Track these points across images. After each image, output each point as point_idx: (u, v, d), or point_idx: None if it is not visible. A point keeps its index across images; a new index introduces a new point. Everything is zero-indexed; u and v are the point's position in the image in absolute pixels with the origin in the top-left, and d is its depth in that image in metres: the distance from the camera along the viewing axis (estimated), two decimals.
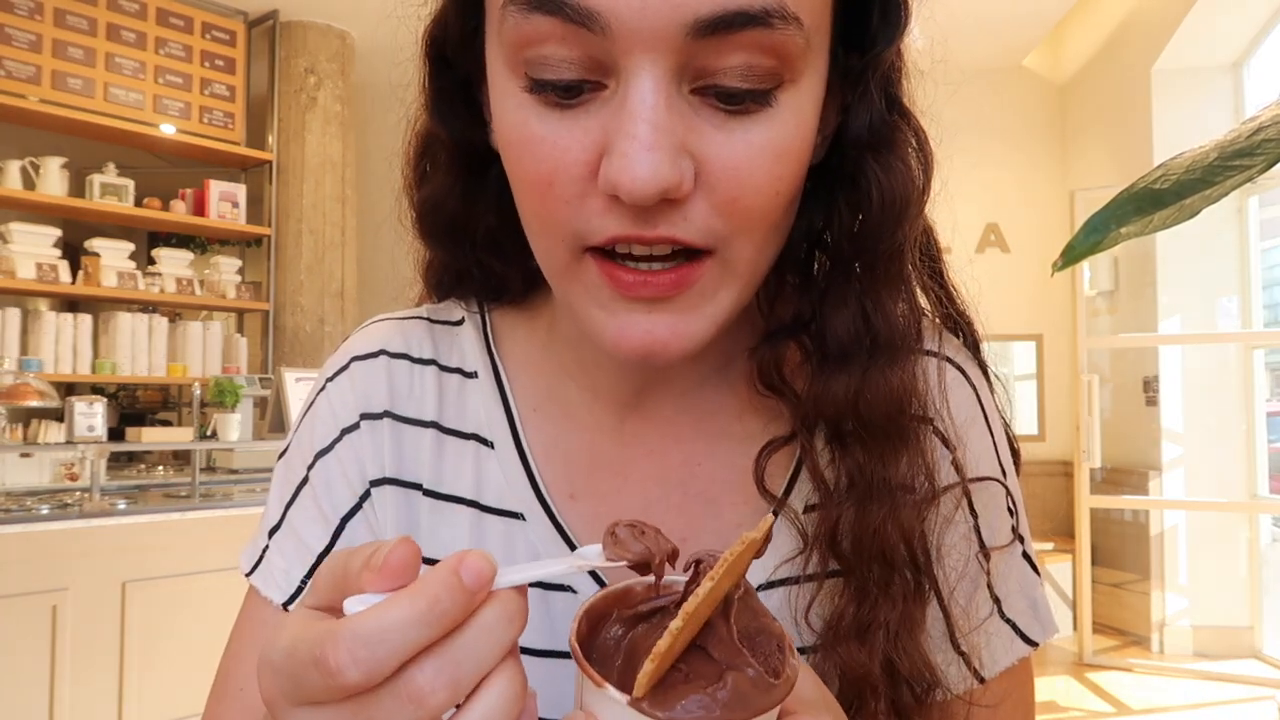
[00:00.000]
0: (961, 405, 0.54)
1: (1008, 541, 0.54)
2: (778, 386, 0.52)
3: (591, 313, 0.45)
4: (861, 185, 0.49)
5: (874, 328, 0.50)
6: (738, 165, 0.41)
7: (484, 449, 0.56)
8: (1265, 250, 4.60)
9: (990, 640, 0.53)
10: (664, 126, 0.39)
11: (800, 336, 0.52)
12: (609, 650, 0.37)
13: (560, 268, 0.45)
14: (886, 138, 0.49)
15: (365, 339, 0.59)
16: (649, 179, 0.39)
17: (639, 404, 0.55)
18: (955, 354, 0.56)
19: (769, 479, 0.52)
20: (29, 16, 3.93)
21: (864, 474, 0.49)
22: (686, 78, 0.41)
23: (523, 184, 0.44)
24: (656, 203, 0.40)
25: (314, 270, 4.73)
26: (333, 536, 0.55)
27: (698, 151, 0.41)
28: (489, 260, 0.56)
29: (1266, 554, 4.47)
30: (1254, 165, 0.42)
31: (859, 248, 0.49)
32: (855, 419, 0.49)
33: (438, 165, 0.55)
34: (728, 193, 0.42)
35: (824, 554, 0.50)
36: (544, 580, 0.37)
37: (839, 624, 0.48)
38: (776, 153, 0.42)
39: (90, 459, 2.95)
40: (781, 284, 0.52)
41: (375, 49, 4.90)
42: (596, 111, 0.41)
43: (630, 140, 0.39)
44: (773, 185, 0.42)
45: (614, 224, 0.42)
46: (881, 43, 0.47)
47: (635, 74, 0.40)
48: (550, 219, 0.43)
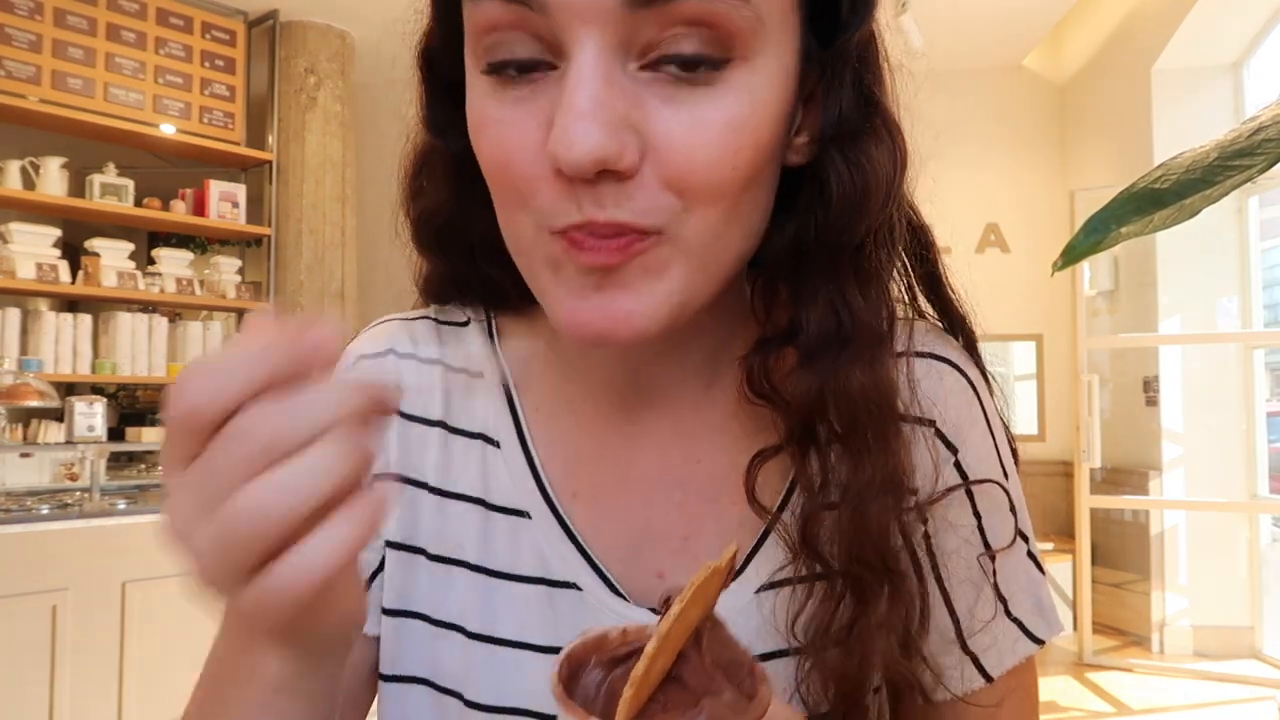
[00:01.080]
0: (962, 407, 0.54)
1: (1011, 541, 0.54)
2: (767, 394, 0.51)
3: (551, 291, 0.45)
4: (825, 179, 0.48)
5: (841, 323, 0.49)
6: (685, 139, 0.41)
7: (490, 448, 0.56)
8: (1265, 250, 4.60)
9: (997, 640, 0.53)
10: (601, 98, 0.40)
11: (793, 343, 0.51)
12: (590, 694, 0.38)
13: (526, 245, 0.46)
14: (851, 130, 0.48)
15: (372, 339, 0.60)
16: (585, 149, 0.39)
17: (641, 402, 0.55)
18: (954, 355, 0.56)
19: (764, 487, 0.51)
20: (29, 16, 3.93)
21: (849, 477, 0.49)
22: (633, 54, 0.41)
23: (486, 167, 0.45)
24: (598, 176, 0.40)
25: (314, 270, 4.73)
26: None
27: (644, 127, 0.41)
28: (488, 269, 0.56)
29: (1266, 554, 4.47)
30: (1254, 165, 0.42)
31: (822, 242, 0.49)
32: (834, 418, 0.49)
33: (434, 177, 0.56)
34: (676, 167, 0.42)
35: (812, 560, 0.49)
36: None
37: (829, 630, 0.48)
38: (728, 127, 0.42)
39: (90, 459, 2.95)
40: (775, 291, 0.52)
41: (375, 49, 4.90)
42: (548, 91, 0.42)
43: (566, 111, 0.40)
44: (727, 160, 0.42)
45: (571, 209, 0.42)
46: (849, 29, 0.47)
47: (576, 49, 0.40)
48: (513, 199, 0.44)
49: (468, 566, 0.55)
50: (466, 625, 0.54)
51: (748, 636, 0.51)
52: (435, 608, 0.55)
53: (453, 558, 0.55)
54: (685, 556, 0.53)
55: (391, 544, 0.56)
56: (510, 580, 0.54)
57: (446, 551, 0.55)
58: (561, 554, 0.53)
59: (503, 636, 0.53)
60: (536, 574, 0.54)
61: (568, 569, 0.53)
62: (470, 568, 0.54)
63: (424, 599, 0.55)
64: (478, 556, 0.54)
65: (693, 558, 0.53)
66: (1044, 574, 0.56)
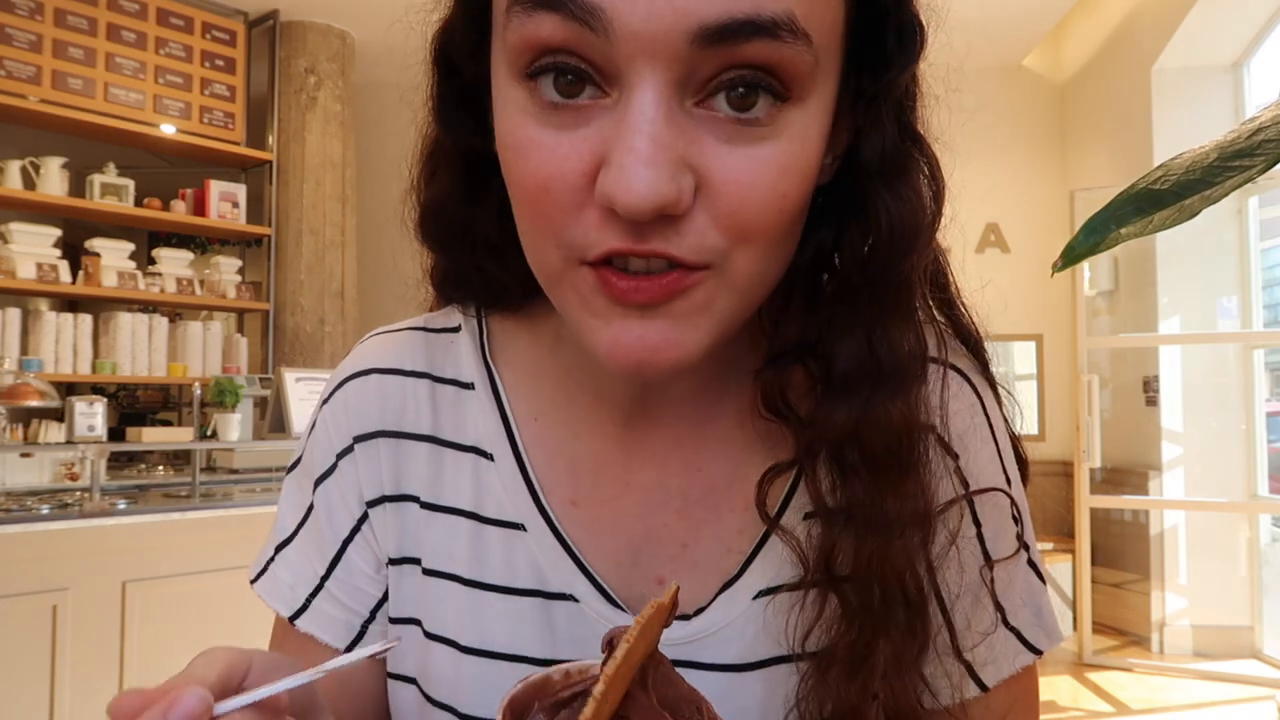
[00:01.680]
0: (963, 412, 0.54)
1: (1013, 551, 0.53)
2: (782, 411, 0.51)
3: (585, 320, 0.44)
4: (871, 213, 0.48)
5: (879, 358, 0.48)
6: (740, 180, 0.40)
7: (483, 461, 0.56)
8: (1265, 250, 4.59)
9: (994, 649, 0.52)
10: (664, 140, 0.38)
11: (806, 361, 0.51)
12: None
13: (554, 275, 0.44)
14: (898, 165, 0.48)
15: (357, 358, 0.59)
16: (646, 194, 0.38)
17: (642, 410, 0.54)
18: (959, 361, 0.55)
19: (768, 496, 0.51)
20: (29, 16, 3.93)
21: (865, 504, 0.48)
22: (690, 90, 0.40)
23: (519, 189, 0.43)
24: (653, 218, 0.39)
25: (314, 270, 4.73)
26: (334, 559, 0.56)
27: (699, 165, 0.40)
28: (489, 266, 0.56)
29: (1266, 554, 4.46)
30: (1254, 165, 0.42)
31: (867, 276, 0.48)
32: (858, 448, 0.48)
33: (442, 170, 0.55)
34: (728, 207, 0.41)
35: (823, 581, 0.49)
36: (328, 670, 0.38)
37: (833, 653, 0.48)
38: (780, 170, 0.41)
39: (90, 459, 2.95)
40: (787, 305, 0.51)
41: (375, 49, 4.91)
42: (597, 121, 0.40)
43: (628, 153, 0.38)
44: (776, 203, 0.41)
45: (609, 238, 0.41)
46: (896, 68, 0.46)
47: (637, 83, 0.39)
48: (545, 227, 0.43)
49: (460, 580, 0.54)
50: (459, 639, 0.53)
51: (745, 642, 0.51)
52: (428, 618, 0.55)
53: (444, 571, 0.55)
54: (684, 563, 0.53)
55: (392, 560, 0.56)
56: (504, 593, 0.53)
57: (438, 565, 0.55)
58: (557, 566, 0.53)
59: (497, 650, 0.53)
60: (532, 586, 0.53)
61: (563, 580, 0.53)
62: (463, 582, 0.54)
63: (419, 607, 0.55)
64: (470, 570, 0.54)
65: (691, 564, 0.53)
66: (1045, 583, 0.55)
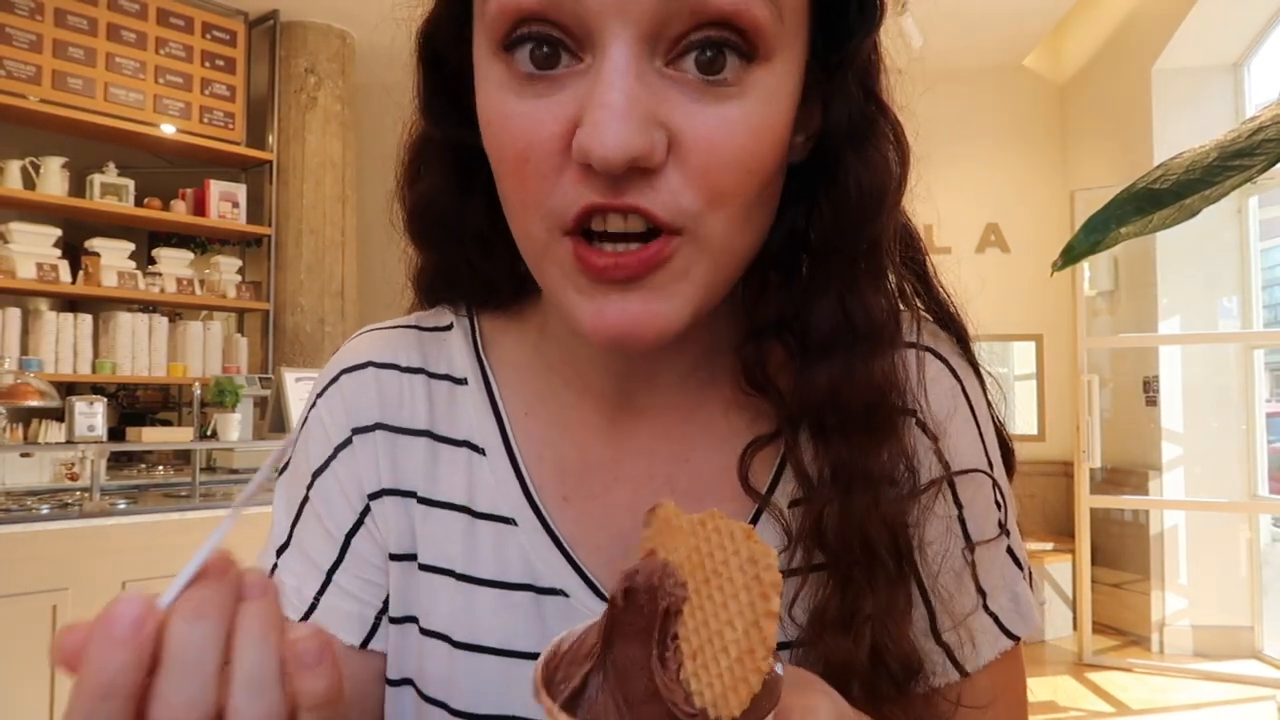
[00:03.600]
0: (943, 396, 0.54)
1: (994, 535, 0.54)
2: (763, 385, 0.52)
3: (569, 295, 0.45)
4: (840, 179, 0.49)
5: (853, 320, 0.50)
6: (710, 139, 0.42)
7: (476, 455, 0.56)
8: (1265, 250, 4.59)
9: (974, 633, 0.53)
10: (635, 95, 0.40)
11: (785, 335, 0.52)
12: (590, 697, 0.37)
13: (539, 249, 0.45)
14: (864, 130, 0.50)
15: (352, 352, 0.59)
16: (619, 146, 0.39)
17: (628, 402, 0.55)
18: (938, 345, 0.56)
19: (754, 476, 0.52)
20: (29, 16, 3.93)
21: (847, 466, 0.49)
22: (660, 50, 0.42)
23: (501, 162, 0.45)
24: (627, 171, 0.41)
25: (314, 270, 4.73)
26: (340, 553, 0.56)
27: (671, 123, 0.42)
28: (478, 261, 0.57)
29: (1266, 554, 4.46)
30: (1254, 165, 0.43)
31: (837, 240, 0.50)
32: (837, 411, 0.50)
33: (430, 166, 0.56)
34: (700, 165, 0.42)
35: (809, 548, 0.50)
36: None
37: (824, 615, 0.49)
38: (750, 130, 0.43)
39: (90, 459, 2.95)
40: (765, 282, 0.53)
41: (375, 49, 4.90)
42: (572, 85, 0.42)
43: (601, 109, 0.40)
44: (746, 162, 0.43)
45: (586, 193, 0.42)
46: (859, 34, 0.48)
47: (610, 41, 0.41)
48: (528, 198, 0.44)
49: (454, 575, 0.54)
50: (453, 635, 0.54)
51: None
52: (425, 615, 0.55)
53: (439, 566, 0.55)
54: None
55: (393, 556, 0.56)
56: (496, 588, 0.54)
57: (434, 560, 0.55)
58: (548, 560, 0.53)
59: (489, 645, 0.53)
60: (523, 581, 0.54)
61: (554, 575, 0.53)
62: (456, 576, 0.54)
63: (416, 605, 0.55)
64: (463, 565, 0.54)
65: None
66: (1023, 570, 0.56)
